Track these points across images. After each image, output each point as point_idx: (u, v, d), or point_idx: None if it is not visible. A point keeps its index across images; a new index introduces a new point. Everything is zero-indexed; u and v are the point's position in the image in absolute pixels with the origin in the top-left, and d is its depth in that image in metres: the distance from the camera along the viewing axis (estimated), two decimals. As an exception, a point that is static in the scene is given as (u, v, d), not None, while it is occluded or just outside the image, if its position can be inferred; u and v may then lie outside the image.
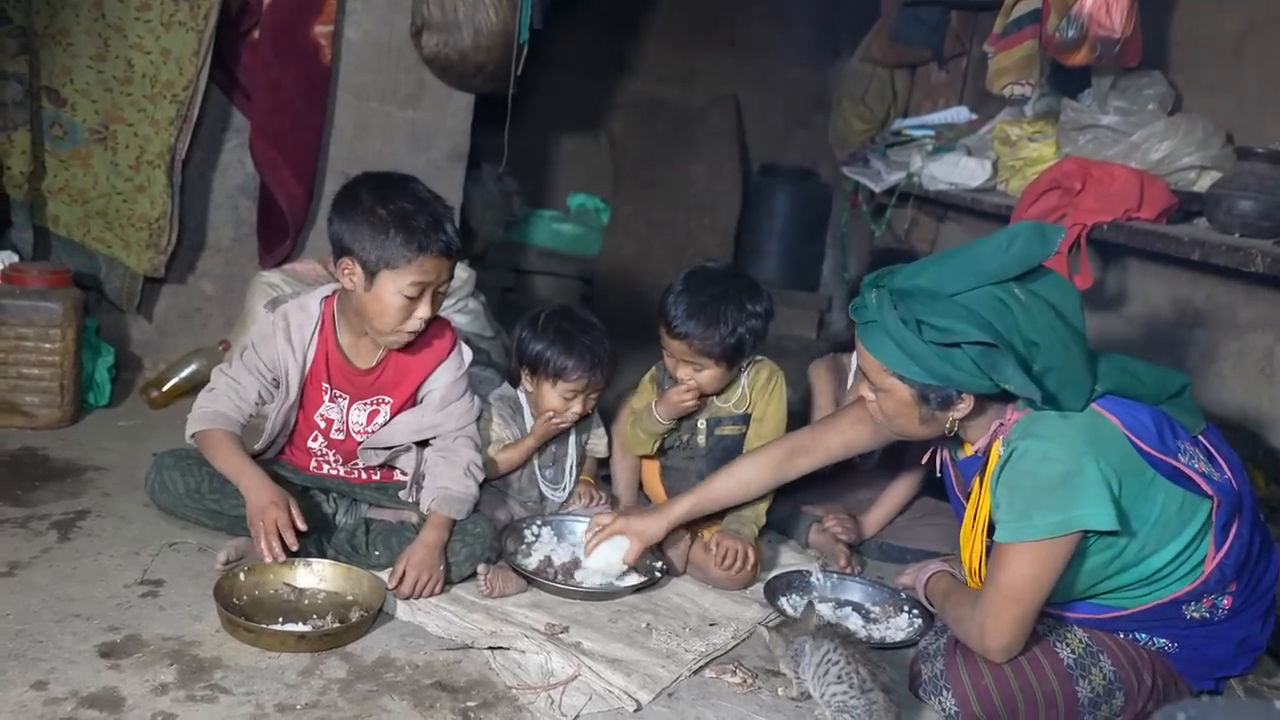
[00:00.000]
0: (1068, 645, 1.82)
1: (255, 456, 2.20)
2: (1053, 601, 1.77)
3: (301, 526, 2.03)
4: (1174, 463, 1.73)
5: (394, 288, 2.07)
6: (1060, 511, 1.66)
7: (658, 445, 2.49)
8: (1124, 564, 1.75)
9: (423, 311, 2.11)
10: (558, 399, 2.41)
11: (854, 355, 2.58)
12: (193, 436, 2.18)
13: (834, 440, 2.18)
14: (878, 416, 1.89)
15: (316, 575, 2.04)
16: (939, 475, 2.04)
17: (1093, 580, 1.78)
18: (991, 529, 1.77)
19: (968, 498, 1.88)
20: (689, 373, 2.37)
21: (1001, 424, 1.79)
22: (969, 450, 1.89)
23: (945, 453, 1.99)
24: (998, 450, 1.77)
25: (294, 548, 2.01)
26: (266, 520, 2.00)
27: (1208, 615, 1.80)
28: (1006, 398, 1.76)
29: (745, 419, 2.47)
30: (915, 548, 2.56)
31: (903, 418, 1.82)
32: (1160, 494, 1.71)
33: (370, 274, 2.07)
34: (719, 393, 2.45)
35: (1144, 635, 1.84)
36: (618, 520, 2.22)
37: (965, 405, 1.76)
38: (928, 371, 1.72)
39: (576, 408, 2.43)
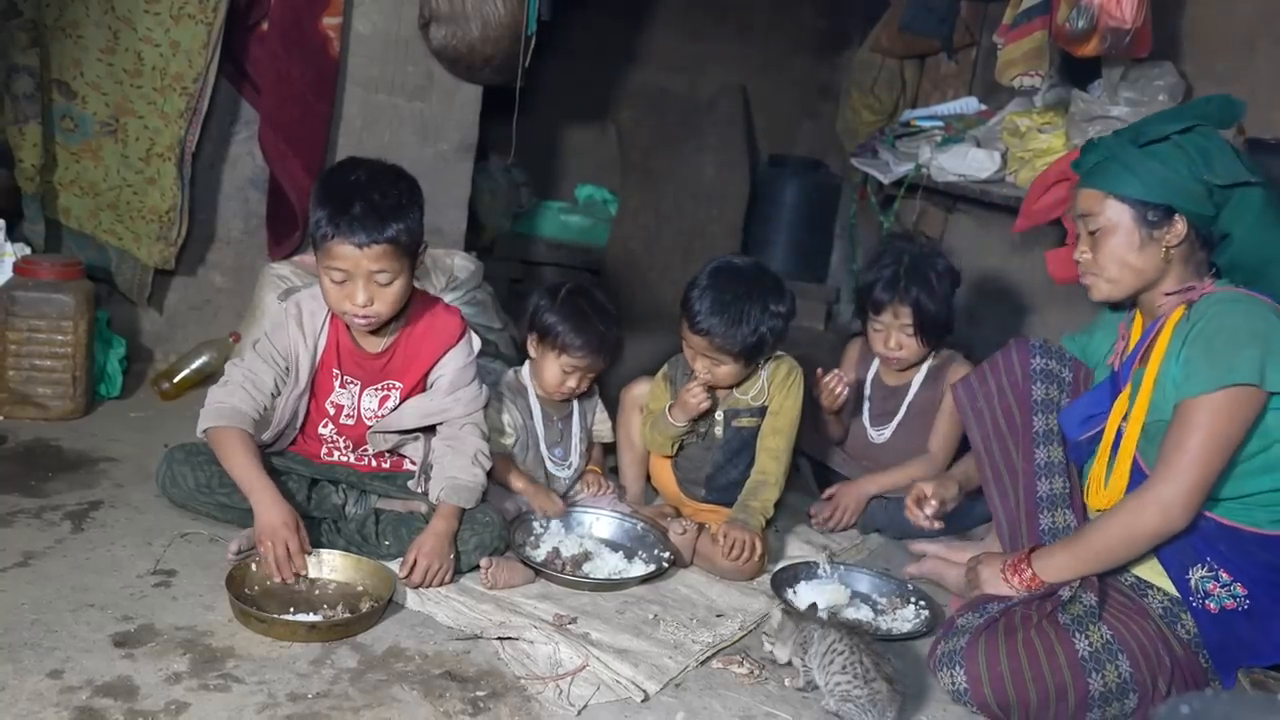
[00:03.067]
0: (1086, 637, 1.82)
1: (264, 448, 2.22)
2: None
3: (308, 550, 2.05)
4: None
5: (320, 266, 2.09)
6: (1263, 353, 1.76)
7: (677, 445, 2.51)
8: None
9: (359, 298, 2.07)
10: (557, 371, 2.47)
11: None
12: (205, 432, 2.18)
13: None
14: (1094, 269, 1.96)
15: (327, 566, 2.06)
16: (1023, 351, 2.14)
17: (1260, 446, 1.82)
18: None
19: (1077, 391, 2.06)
20: (707, 365, 2.39)
21: (1194, 287, 1.89)
22: (1133, 341, 1.99)
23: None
24: (1179, 315, 1.87)
25: (302, 572, 2.02)
26: (276, 542, 2.00)
27: None
28: (1208, 248, 1.91)
29: (762, 411, 2.49)
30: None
31: (1120, 249, 1.92)
32: None
33: (315, 251, 2.11)
34: (737, 385, 2.46)
35: (1227, 576, 1.85)
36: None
37: (1180, 227, 1.88)
38: (1144, 183, 1.87)
39: (572, 383, 2.49)
